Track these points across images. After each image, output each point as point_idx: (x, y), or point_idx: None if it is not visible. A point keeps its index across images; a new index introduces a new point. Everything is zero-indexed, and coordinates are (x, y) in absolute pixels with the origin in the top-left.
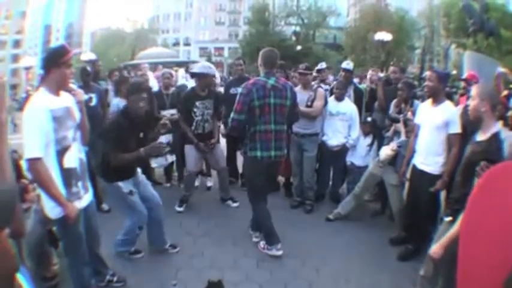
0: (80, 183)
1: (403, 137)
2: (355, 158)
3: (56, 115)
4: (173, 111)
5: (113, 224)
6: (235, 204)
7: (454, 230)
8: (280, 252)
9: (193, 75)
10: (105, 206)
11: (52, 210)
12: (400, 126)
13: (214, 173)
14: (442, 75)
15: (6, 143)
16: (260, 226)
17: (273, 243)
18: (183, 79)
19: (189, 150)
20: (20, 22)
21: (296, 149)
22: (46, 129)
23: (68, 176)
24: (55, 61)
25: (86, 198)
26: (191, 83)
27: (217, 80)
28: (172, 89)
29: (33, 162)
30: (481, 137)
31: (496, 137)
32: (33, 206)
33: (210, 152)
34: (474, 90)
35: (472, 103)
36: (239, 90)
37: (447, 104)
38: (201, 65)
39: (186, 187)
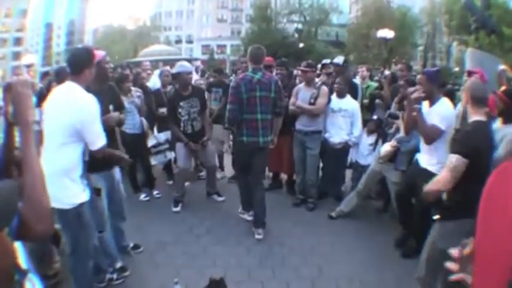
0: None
1: (402, 134)
2: (359, 156)
3: None
4: None
5: None
6: (220, 198)
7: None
8: (251, 218)
9: (173, 76)
10: None
11: (65, 199)
12: (400, 123)
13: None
14: (431, 75)
15: (33, 143)
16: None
17: (246, 209)
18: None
19: (179, 148)
20: (21, 20)
21: (299, 146)
22: None
23: (85, 168)
24: (89, 61)
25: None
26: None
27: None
28: (169, 87)
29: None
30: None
31: (474, 123)
32: None
33: (201, 150)
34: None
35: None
36: None
37: (442, 100)
38: (176, 65)
39: (177, 187)
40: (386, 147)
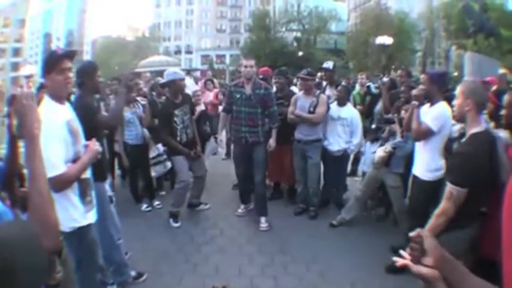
0: (92, 192)
1: (398, 138)
2: (366, 166)
3: (71, 127)
4: None
5: None
6: (206, 206)
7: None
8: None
9: (163, 85)
10: None
11: (64, 222)
12: (396, 127)
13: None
14: (433, 76)
15: (40, 158)
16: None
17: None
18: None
19: (179, 161)
20: (19, 30)
21: (299, 156)
22: (68, 142)
23: (84, 186)
24: (52, 65)
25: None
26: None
27: (188, 85)
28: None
29: (60, 178)
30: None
31: (472, 139)
32: None
33: (195, 158)
34: (459, 88)
35: (456, 102)
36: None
37: (440, 103)
38: (167, 73)
39: (177, 202)
40: (379, 153)
